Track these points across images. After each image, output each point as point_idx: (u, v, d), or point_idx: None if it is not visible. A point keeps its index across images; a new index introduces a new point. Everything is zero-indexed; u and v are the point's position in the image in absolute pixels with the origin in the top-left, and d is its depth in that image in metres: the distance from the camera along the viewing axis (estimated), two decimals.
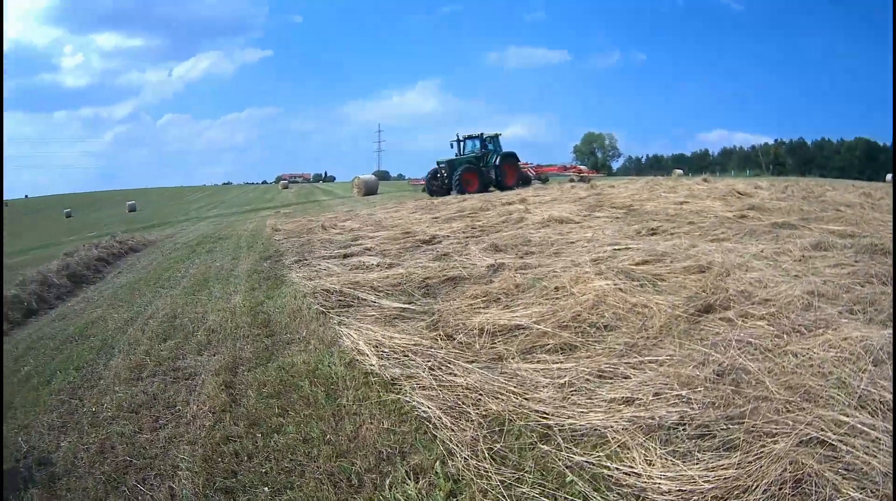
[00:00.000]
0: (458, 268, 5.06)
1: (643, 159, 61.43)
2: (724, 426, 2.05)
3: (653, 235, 6.40)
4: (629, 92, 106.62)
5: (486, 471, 1.87)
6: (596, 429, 2.12)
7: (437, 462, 1.99)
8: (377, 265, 5.57)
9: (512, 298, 3.90)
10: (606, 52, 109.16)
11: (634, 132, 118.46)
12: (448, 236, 7.35)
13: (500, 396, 2.39)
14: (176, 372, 3.39)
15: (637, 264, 4.58)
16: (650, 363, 2.65)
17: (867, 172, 32.88)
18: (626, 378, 2.50)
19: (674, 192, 11.08)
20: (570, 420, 2.18)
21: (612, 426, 2.09)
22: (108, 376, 3.45)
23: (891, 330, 2.80)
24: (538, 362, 2.74)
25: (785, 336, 2.91)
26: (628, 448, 1.95)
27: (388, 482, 1.94)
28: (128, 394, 3.13)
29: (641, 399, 2.29)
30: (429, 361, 2.76)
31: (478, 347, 2.96)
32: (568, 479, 1.82)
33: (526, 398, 2.37)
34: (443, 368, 2.68)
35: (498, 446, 2.04)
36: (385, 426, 2.32)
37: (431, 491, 1.85)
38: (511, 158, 18.38)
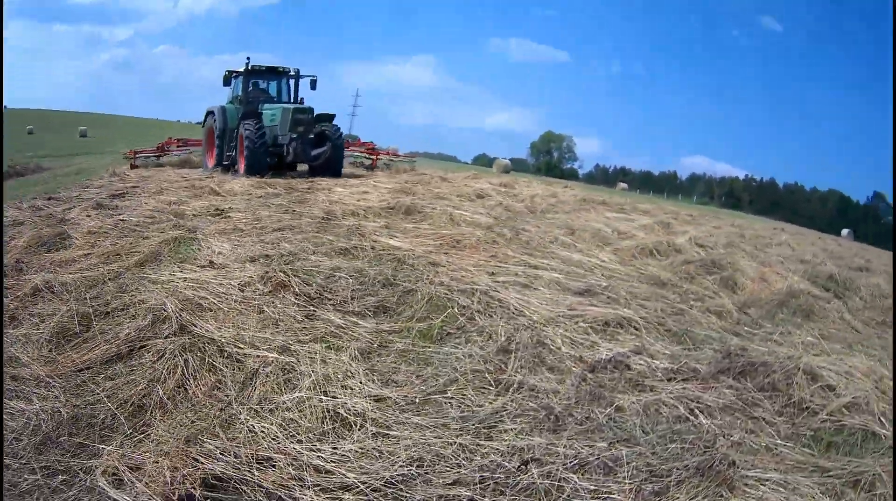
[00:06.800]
0: None
1: (610, 169, 67.86)
2: None
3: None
4: (624, 103, 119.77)
5: None
6: None
7: None
8: None
9: None
10: (607, 60, 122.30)
11: (621, 144, 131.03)
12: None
13: None
14: None
15: None
16: None
17: (836, 225, 34.35)
18: None
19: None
20: None
21: None
22: None
23: None
24: None
25: None
26: None
27: None
28: None
29: None
30: None
31: None
32: None
33: None
34: None
35: None
36: None
37: None
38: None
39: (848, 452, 2.80)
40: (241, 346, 3.28)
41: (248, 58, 12.07)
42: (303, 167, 12.67)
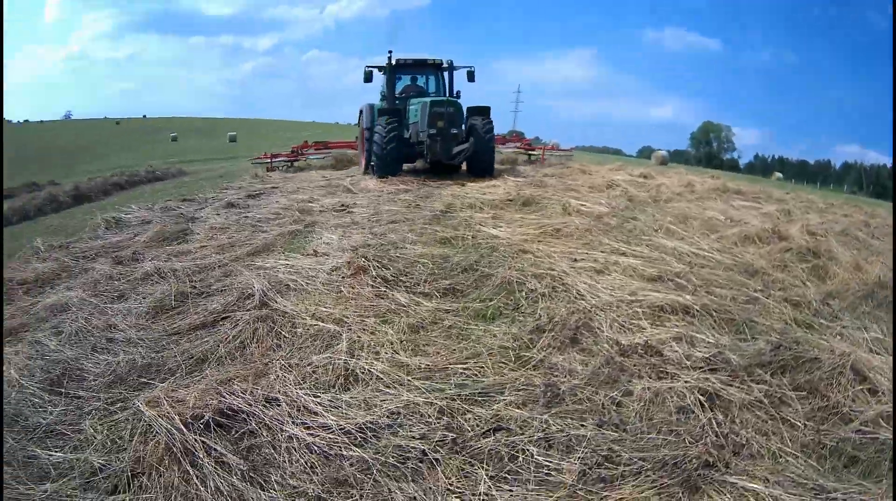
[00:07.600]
0: None
1: (769, 159, 65.47)
2: None
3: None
4: (777, 92, 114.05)
5: None
6: None
7: None
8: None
9: None
10: (758, 48, 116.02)
11: (779, 134, 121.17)
12: None
13: None
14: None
15: None
16: None
17: None
18: None
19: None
20: None
21: None
22: None
23: None
24: None
25: None
26: None
27: None
28: None
29: None
30: None
31: None
32: None
33: None
34: None
35: None
36: None
37: None
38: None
39: (865, 473, 2.46)
40: (306, 318, 3.84)
41: (389, 51, 11.53)
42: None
